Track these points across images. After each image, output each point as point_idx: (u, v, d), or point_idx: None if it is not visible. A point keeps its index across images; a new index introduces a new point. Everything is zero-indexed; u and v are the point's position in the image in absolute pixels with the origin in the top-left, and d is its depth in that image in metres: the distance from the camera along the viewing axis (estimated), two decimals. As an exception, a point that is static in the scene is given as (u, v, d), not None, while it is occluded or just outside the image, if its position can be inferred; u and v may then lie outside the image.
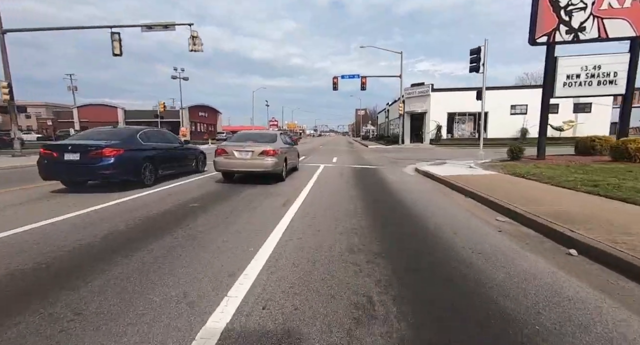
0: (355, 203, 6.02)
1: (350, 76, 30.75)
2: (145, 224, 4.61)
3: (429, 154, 20.34)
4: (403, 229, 4.39)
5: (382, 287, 2.66)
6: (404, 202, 6.09)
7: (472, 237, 3.98)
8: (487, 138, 29.37)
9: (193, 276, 2.86)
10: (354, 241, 3.82)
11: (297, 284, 2.73)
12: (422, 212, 5.23)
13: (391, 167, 12.82)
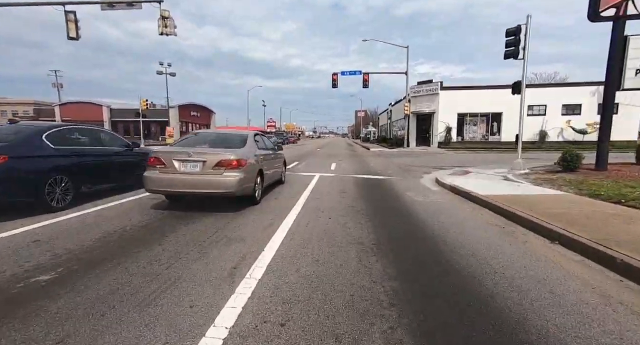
0: (371, 265, 3.28)
1: (351, 72, 28.15)
2: None
3: (442, 159, 17.68)
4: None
5: None
6: (453, 261, 3.40)
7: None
8: (500, 141, 26.79)
9: None
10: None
11: None
12: (504, 289, 2.56)
13: (404, 178, 10.14)
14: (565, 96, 25.86)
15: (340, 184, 8.69)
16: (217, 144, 5.58)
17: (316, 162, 15.75)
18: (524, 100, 10.11)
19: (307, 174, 10.56)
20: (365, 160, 16.89)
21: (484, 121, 28.04)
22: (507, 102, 26.45)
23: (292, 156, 19.30)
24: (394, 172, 11.91)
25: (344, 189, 7.75)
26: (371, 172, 11.47)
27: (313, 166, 13.49)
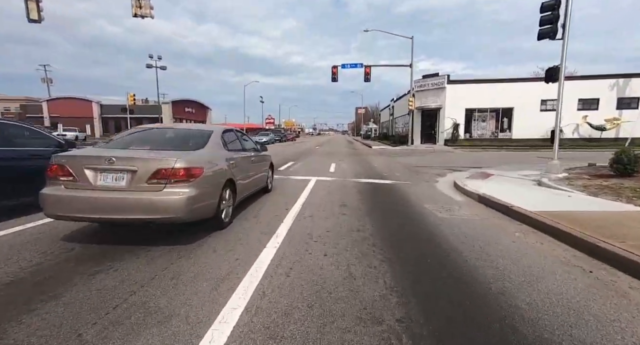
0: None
1: (352, 65, 26.39)
2: None
3: (452, 158, 16.02)
4: None
5: None
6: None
7: None
8: (511, 138, 25.14)
9: None
10: None
11: None
12: None
13: (416, 182, 8.50)
14: (581, 90, 24.12)
15: (341, 192, 7.04)
16: (163, 145, 3.92)
17: (314, 162, 14.09)
18: (562, 89, 8.43)
19: (302, 178, 8.91)
20: (368, 160, 15.23)
21: (493, 117, 26.33)
22: (518, 96, 24.82)
23: (288, 155, 17.64)
24: (402, 174, 10.26)
25: (345, 201, 6.10)
26: (376, 175, 9.82)
27: (310, 167, 11.83)
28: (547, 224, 4.23)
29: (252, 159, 5.52)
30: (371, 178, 9.23)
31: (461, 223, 4.68)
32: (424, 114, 27.78)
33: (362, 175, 9.89)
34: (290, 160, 14.24)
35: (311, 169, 11.21)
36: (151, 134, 4.30)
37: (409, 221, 4.77)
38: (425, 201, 6.16)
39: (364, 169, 11.65)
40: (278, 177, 9.03)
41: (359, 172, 10.52)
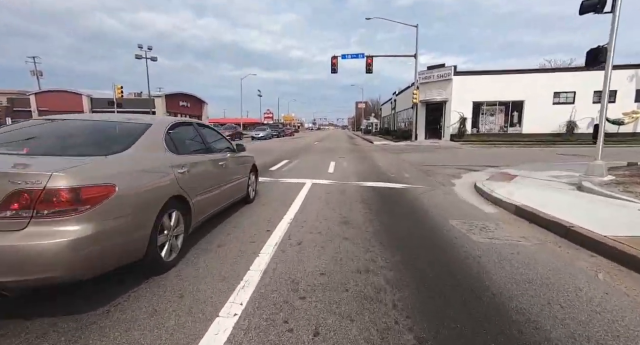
0: None
1: (352, 55, 24.86)
2: None
3: (462, 156, 14.62)
4: None
5: None
6: None
7: None
8: (521, 133, 23.71)
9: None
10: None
11: None
12: None
13: (430, 186, 7.13)
14: (597, 82, 22.55)
15: (341, 201, 5.66)
16: (54, 147, 2.52)
17: (311, 160, 12.70)
18: (609, 73, 6.98)
19: (295, 182, 7.54)
20: (371, 157, 13.84)
21: (502, 111, 24.85)
22: (529, 88, 23.33)
23: (284, 152, 16.24)
24: (412, 175, 8.89)
25: (347, 215, 4.72)
26: (382, 177, 8.44)
27: (306, 167, 10.44)
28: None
29: (223, 163, 4.13)
30: (377, 180, 7.85)
31: (509, 254, 3.32)
32: (429, 108, 26.30)
33: (365, 176, 8.52)
34: (285, 158, 12.85)
35: (307, 169, 9.83)
36: (45, 129, 2.88)
37: (437, 251, 3.41)
38: (449, 215, 4.80)
39: (367, 168, 10.27)
40: (267, 180, 7.66)
41: (362, 173, 9.15)
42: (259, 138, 32.10)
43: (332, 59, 24.78)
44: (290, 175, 8.57)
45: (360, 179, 8.16)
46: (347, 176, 8.53)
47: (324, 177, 8.33)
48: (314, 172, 9.25)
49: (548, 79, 23.17)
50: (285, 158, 13.12)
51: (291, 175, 8.57)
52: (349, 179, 8.11)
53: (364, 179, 8.16)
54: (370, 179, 8.09)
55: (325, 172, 9.31)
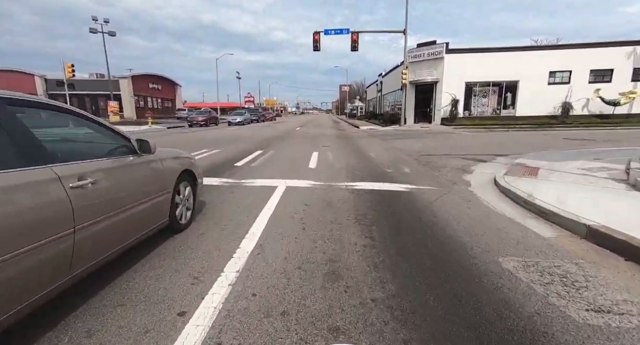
0: None
1: (336, 31, 22.53)
2: None
3: (459, 142, 13.00)
4: None
5: None
6: None
7: None
8: (515, 116, 22.43)
9: None
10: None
11: None
12: None
13: (442, 187, 5.39)
14: (593, 60, 21.36)
15: (326, 223, 3.80)
16: None
17: (290, 150, 10.74)
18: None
19: (263, 184, 5.64)
20: (359, 146, 12.01)
21: (495, 92, 23.38)
22: (525, 67, 21.86)
23: (260, 140, 14.18)
24: (413, 170, 7.17)
25: (337, 259, 2.86)
26: (377, 174, 6.65)
27: (282, 160, 8.51)
28: None
29: (113, 175, 2.22)
30: (371, 180, 6.05)
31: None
32: (418, 89, 24.53)
33: (356, 173, 6.70)
34: (258, 149, 10.84)
35: (283, 164, 7.91)
36: None
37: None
38: (492, 245, 3.07)
39: (356, 161, 8.45)
40: (224, 183, 5.71)
41: (352, 168, 7.32)
42: (235, 123, 29.60)
43: (314, 35, 22.38)
44: (260, 173, 6.64)
45: (350, 177, 6.34)
46: (333, 173, 6.69)
47: (303, 175, 6.46)
48: (292, 167, 7.35)
49: (544, 57, 21.70)
50: (259, 148, 11.11)
51: (260, 173, 6.64)
52: (335, 178, 6.27)
53: (354, 177, 6.35)
54: (363, 178, 6.28)
55: (306, 167, 7.43)
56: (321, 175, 6.53)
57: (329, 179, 6.12)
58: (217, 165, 7.57)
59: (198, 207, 4.04)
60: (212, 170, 6.91)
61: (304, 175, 6.50)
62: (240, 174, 6.56)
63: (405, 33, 22.02)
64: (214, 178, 6.02)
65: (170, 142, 13.33)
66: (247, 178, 6.11)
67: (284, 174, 6.53)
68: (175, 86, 49.65)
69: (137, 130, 22.34)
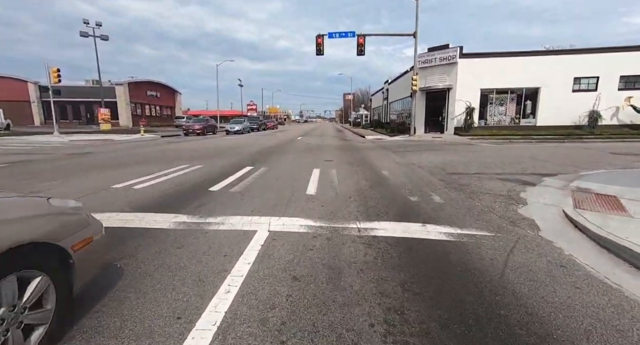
0: None
1: (341, 34, 20.96)
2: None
3: (484, 156, 11.10)
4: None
5: None
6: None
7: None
8: (535, 126, 20.54)
9: None
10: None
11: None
12: None
13: (499, 232, 3.49)
14: (623, 65, 19.52)
15: (329, 322, 1.94)
16: None
17: (285, 167, 8.93)
18: None
19: (234, 228, 3.80)
20: (368, 160, 10.18)
21: (514, 100, 21.56)
22: (546, 73, 20.05)
23: (253, 152, 12.40)
24: (444, 196, 5.34)
25: None
26: (398, 203, 4.80)
27: (272, 181, 6.69)
28: None
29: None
30: (393, 215, 4.22)
31: None
32: (429, 97, 22.79)
33: (370, 203, 4.86)
34: (248, 164, 9.04)
35: (273, 187, 6.08)
36: None
37: None
38: None
39: (368, 182, 6.61)
40: (181, 224, 3.87)
41: (363, 194, 5.48)
42: (234, 132, 27.97)
43: (318, 39, 20.83)
44: (237, 205, 4.81)
45: (363, 211, 4.50)
46: (338, 204, 4.85)
47: (297, 208, 4.63)
48: (283, 194, 5.52)
49: (567, 63, 19.91)
50: (250, 163, 9.33)
51: (238, 205, 4.81)
52: (342, 213, 4.43)
53: (368, 211, 4.51)
54: (381, 212, 4.45)
55: (302, 193, 5.60)
56: (322, 208, 4.70)
57: (333, 216, 4.29)
58: (184, 190, 5.77)
59: (100, 290, 2.22)
60: (174, 199, 5.11)
61: (299, 208, 4.67)
62: (210, 206, 4.73)
63: (415, 36, 20.41)
64: (169, 215, 4.21)
65: (151, 154, 11.62)
66: (216, 214, 4.28)
67: (271, 207, 4.71)
68: (175, 93, 48.44)
69: (126, 139, 20.75)
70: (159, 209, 4.46)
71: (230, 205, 4.79)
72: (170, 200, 4.97)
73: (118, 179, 6.57)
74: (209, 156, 11.05)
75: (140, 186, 5.94)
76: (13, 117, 33.93)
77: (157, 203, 4.80)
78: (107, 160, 9.91)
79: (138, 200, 4.95)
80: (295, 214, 4.38)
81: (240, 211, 4.45)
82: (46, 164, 9.13)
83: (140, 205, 4.64)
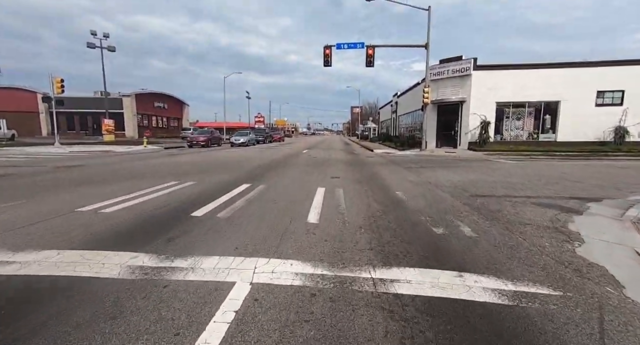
0: None
1: (349, 45, 20.39)
2: None
3: (509, 175, 9.98)
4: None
5: None
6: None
7: None
8: (556, 141, 19.35)
9: None
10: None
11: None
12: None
13: (565, 289, 2.42)
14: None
15: None
16: None
17: (286, 185, 7.99)
18: None
19: (204, 279, 2.82)
20: (379, 177, 9.17)
21: (531, 114, 20.49)
22: (567, 86, 19.01)
23: (254, 167, 11.51)
24: (475, 227, 4.30)
25: None
26: (420, 238, 3.76)
27: (268, 205, 5.73)
28: None
29: None
30: (416, 256, 3.18)
31: None
32: (441, 110, 21.88)
33: (385, 236, 3.84)
34: (246, 181, 8.14)
35: (267, 213, 5.12)
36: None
37: None
38: None
39: (381, 206, 5.60)
40: (140, 270, 2.86)
41: (376, 224, 4.47)
42: (238, 144, 27.32)
43: (325, 49, 20.28)
44: (219, 238, 3.85)
45: (378, 250, 3.50)
46: (345, 239, 3.85)
47: (294, 245, 3.64)
48: (279, 222, 4.55)
49: (590, 75, 18.87)
50: (248, 179, 8.41)
51: (220, 238, 3.84)
52: (351, 252, 3.43)
53: (384, 249, 3.50)
54: (398, 251, 3.43)
55: (302, 222, 4.62)
56: (326, 243, 3.71)
57: (339, 257, 3.29)
58: (162, 215, 4.83)
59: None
60: (143, 228, 4.17)
61: (296, 243, 3.69)
62: (184, 239, 3.78)
63: (427, 47, 19.68)
64: (126, 254, 3.27)
65: (145, 168, 10.82)
66: (187, 254, 3.32)
67: (262, 241, 3.73)
68: (182, 105, 48.52)
69: (126, 150, 20.19)
70: (118, 244, 3.53)
71: (211, 238, 3.83)
72: (138, 230, 4.03)
73: (90, 199, 5.70)
74: (205, 171, 10.20)
75: (112, 209, 5.04)
76: (22, 127, 34.07)
77: (120, 234, 3.87)
78: (93, 174, 9.11)
79: (99, 229, 4.03)
80: (291, 253, 3.40)
81: (219, 248, 3.49)
82: (25, 178, 8.36)
83: (98, 238, 3.72)
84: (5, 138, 24.19)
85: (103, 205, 5.25)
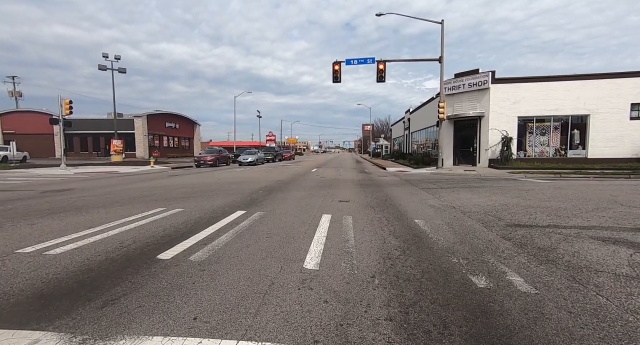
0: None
1: (360, 60, 19.76)
2: None
3: (542, 196, 8.62)
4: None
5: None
6: None
7: None
8: (586, 158, 17.76)
9: None
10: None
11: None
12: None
13: None
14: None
15: None
16: None
17: (286, 210, 6.94)
18: None
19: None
20: (395, 201, 7.98)
21: (557, 128, 19.06)
22: (597, 99, 17.65)
23: (255, 189, 10.52)
24: (530, 277, 3.10)
25: None
26: (462, 294, 2.55)
27: (259, 241, 4.66)
28: None
29: None
30: (458, 335, 2.02)
31: None
32: (457, 126, 20.72)
33: (407, 295, 2.67)
34: (241, 207, 7.14)
35: (257, 253, 4.05)
36: None
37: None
38: None
39: (399, 241, 4.44)
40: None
41: (395, 270, 3.32)
42: (247, 163, 26.66)
43: (334, 65, 19.69)
44: (178, 298, 2.78)
45: (400, 320, 2.35)
46: (354, 299, 2.71)
47: (281, 310, 2.52)
48: (267, 268, 3.46)
49: (622, 87, 17.49)
50: (244, 204, 7.41)
51: (180, 298, 2.78)
52: (363, 328, 2.28)
53: (410, 320, 2.33)
54: (435, 330, 2.25)
55: (297, 266, 3.52)
56: (326, 306, 2.59)
57: (341, 335, 2.15)
58: (118, 259, 3.83)
59: None
60: (82, 282, 3.16)
61: (284, 307, 2.58)
62: (129, 303, 2.73)
63: (441, 61, 18.82)
64: (28, 333, 2.23)
65: (137, 191, 10.01)
66: (121, 331, 2.26)
67: (234, 305, 2.65)
68: (194, 125, 48.94)
69: (132, 171, 19.71)
70: (31, 311, 2.52)
71: (165, 299, 2.77)
72: (72, 286, 3.02)
73: (47, 235, 4.78)
74: (201, 194, 9.29)
75: (62, 249, 4.08)
76: (39, 149, 34.68)
77: (42, 295, 2.86)
78: (76, 200, 8.31)
79: (19, 286, 3.04)
80: (272, 328, 2.29)
81: (170, 320, 2.42)
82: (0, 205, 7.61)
83: (13, 301, 2.72)
84: (15, 160, 24.26)
85: (55, 244, 4.31)
